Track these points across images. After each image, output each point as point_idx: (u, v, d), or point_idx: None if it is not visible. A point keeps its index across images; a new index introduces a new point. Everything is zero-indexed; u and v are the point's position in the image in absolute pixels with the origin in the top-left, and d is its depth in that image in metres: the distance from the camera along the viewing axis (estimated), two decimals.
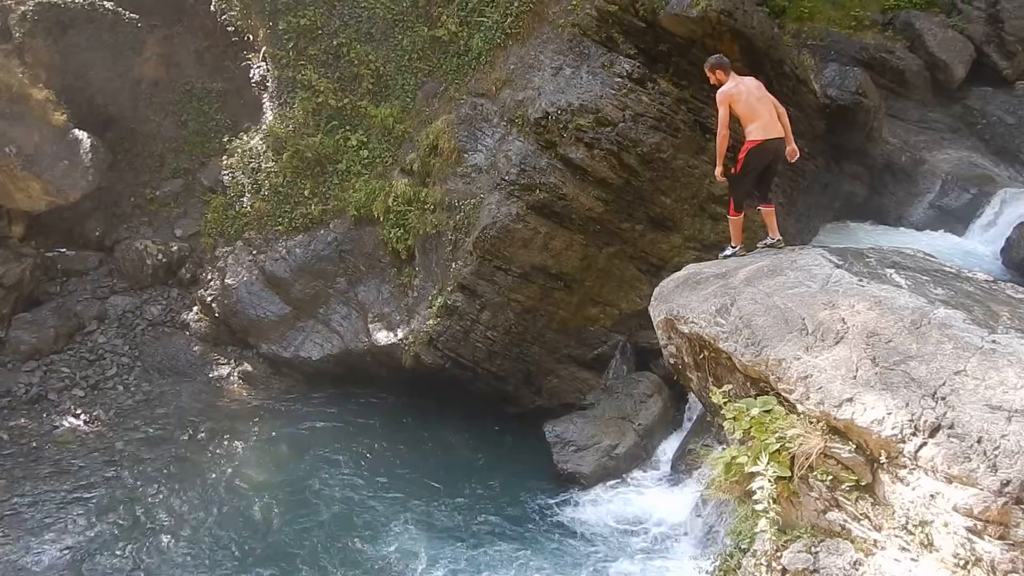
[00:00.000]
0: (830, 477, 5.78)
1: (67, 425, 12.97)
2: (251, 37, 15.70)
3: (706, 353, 7.46)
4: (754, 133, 8.68)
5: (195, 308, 14.98)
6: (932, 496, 5.21)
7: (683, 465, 11.34)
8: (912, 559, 5.34)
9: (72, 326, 14.60)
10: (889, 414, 5.45)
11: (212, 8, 16.02)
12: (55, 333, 14.31)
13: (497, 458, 12.37)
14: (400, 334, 13.01)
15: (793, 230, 14.05)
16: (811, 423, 5.95)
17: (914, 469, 5.33)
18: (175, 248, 15.72)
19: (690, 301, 7.74)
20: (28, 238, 15.51)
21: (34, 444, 12.53)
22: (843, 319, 6.34)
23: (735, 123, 8.81)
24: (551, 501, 11.39)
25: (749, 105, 8.68)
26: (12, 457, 12.25)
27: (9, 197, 15.09)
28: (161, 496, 11.53)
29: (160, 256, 15.52)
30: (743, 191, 9.02)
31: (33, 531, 10.86)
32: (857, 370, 5.86)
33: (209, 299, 14.65)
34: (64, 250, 15.70)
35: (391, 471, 12.09)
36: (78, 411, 13.24)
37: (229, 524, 11.06)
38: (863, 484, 5.68)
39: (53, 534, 10.82)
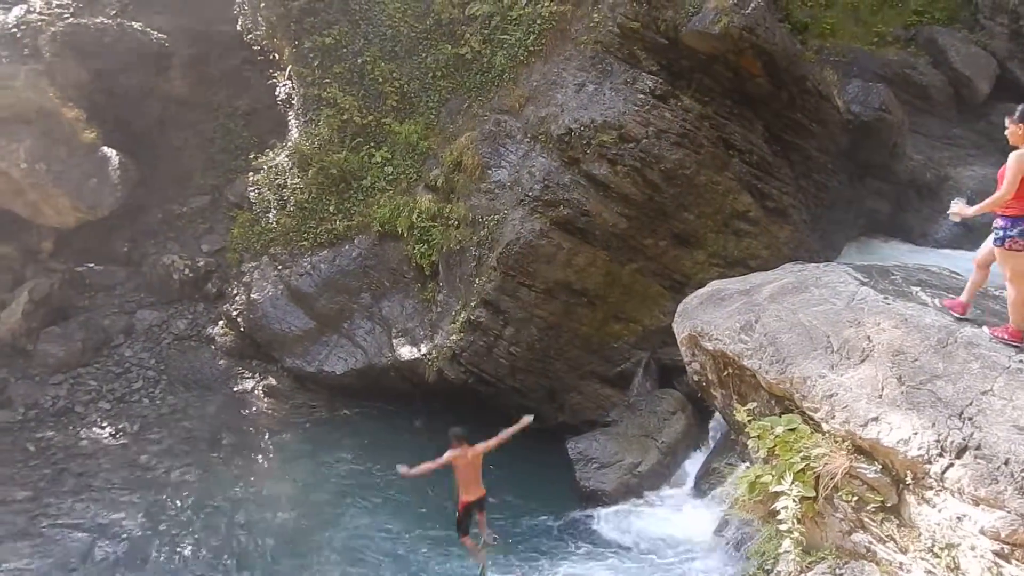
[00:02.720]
0: (855, 497, 5.75)
1: (93, 437, 13.13)
2: (277, 56, 15.92)
3: (730, 370, 7.44)
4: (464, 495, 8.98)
5: (221, 322, 15.13)
6: (959, 518, 5.16)
7: (706, 484, 11.26)
8: None
9: (99, 340, 14.81)
10: (915, 434, 5.41)
11: (238, 28, 16.27)
12: (83, 346, 14.53)
13: (519, 474, 12.31)
14: (423, 349, 13.07)
15: (817, 247, 13.99)
16: (836, 442, 5.92)
17: (940, 490, 5.29)
18: (201, 263, 15.92)
19: (714, 318, 7.73)
20: (57, 253, 15.81)
21: (60, 456, 12.71)
22: (868, 337, 6.31)
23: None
24: (573, 518, 11.37)
25: (465, 473, 8.84)
26: (38, 469, 12.43)
27: (40, 213, 15.39)
28: (183, 508, 11.65)
29: (187, 271, 15.73)
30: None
31: (57, 543, 11.00)
32: (883, 389, 5.83)
33: (234, 313, 14.80)
34: (92, 265, 15.98)
35: (411, 485, 12.02)
36: (104, 423, 13.41)
37: (250, 536, 11.14)
38: (889, 505, 5.64)
39: (76, 545, 10.96)
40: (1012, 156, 6.14)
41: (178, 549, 10.93)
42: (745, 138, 13.07)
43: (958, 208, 6.61)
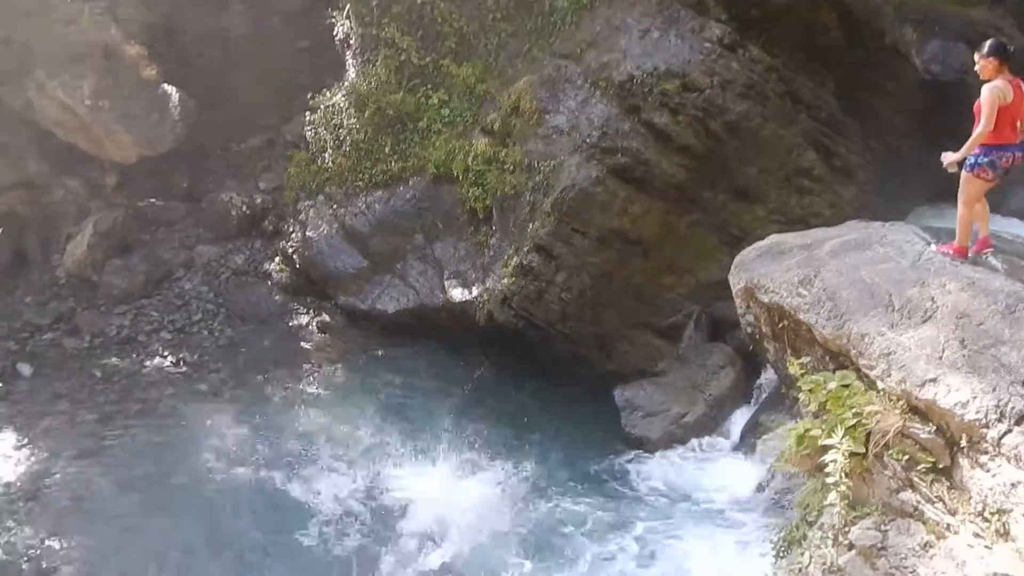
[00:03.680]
0: (906, 457, 5.68)
1: (155, 365, 13.59)
2: None
3: (785, 323, 7.37)
4: None
5: (277, 259, 15.42)
6: (1013, 485, 5.07)
7: (752, 438, 11.23)
8: (986, 547, 5.22)
9: (161, 273, 15.22)
10: (974, 398, 5.32)
11: None
12: (145, 279, 14.97)
13: (566, 417, 12.46)
14: (475, 292, 13.13)
15: (882, 209, 13.60)
16: (891, 401, 5.84)
17: (996, 456, 5.20)
18: (259, 201, 16.18)
19: (772, 271, 7.63)
20: (120, 188, 16.20)
21: (125, 382, 13.22)
22: (932, 298, 6.18)
23: None
24: (616, 463, 11.52)
25: None
26: (104, 393, 12.97)
27: (103, 149, 15.74)
28: (240, 434, 12.06)
29: (244, 208, 16.00)
30: None
31: (122, 463, 11.50)
32: (944, 351, 5.72)
33: (290, 250, 15.05)
34: (154, 200, 16.33)
35: (460, 423, 12.33)
36: (166, 352, 13.86)
37: (300, 461, 11.55)
38: (940, 467, 5.57)
39: (139, 466, 11.46)
40: (984, 89, 6.62)
41: (234, 470, 11.37)
42: (814, 93, 12.69)
43: (947, 158, 7.01)
